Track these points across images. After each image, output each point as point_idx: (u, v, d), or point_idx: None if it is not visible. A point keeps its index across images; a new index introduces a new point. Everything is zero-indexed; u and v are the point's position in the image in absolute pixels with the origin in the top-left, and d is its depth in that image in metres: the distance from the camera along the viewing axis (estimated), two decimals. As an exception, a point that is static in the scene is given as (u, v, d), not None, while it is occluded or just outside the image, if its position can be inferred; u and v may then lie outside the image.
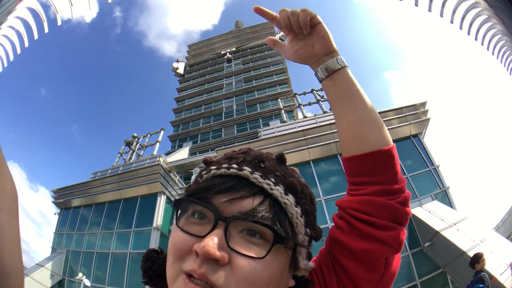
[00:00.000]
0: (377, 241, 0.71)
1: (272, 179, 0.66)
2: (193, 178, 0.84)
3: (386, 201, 0.72)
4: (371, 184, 0.75)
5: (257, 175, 0.65)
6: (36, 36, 7.83)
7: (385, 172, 0.76)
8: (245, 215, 0.60)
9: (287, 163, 0.79)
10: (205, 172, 0.71)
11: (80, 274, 15.03)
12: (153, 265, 0.74)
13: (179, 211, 0.66)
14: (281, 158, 0.76)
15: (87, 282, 15.04)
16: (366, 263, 0.72)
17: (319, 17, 0.83)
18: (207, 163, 0.75)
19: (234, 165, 0.67)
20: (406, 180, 0.79)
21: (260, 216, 0.60)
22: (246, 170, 0.65)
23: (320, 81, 0.85)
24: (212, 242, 0.55)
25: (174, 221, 0.67)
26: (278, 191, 0.65)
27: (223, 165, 0.68)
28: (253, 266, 0.57)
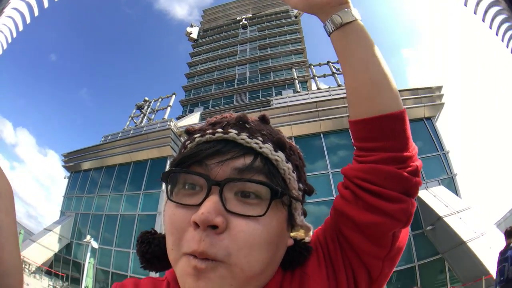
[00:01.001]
0: (385, 214, 0.65)
1: (260, 138, 0.63)
2: None
3: (395, 170, 0.66)
4: (380, 150, 0.69)
5: (244, 135, 0.62)
6: (46, 5, 7.64)
7: (395, 138, 0.69)
8: (238, 175, 0.58)
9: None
10: (189, 142, 0.67)
11: (88, 237, 15.38)
12: (150, 247, 0.70)
13: (169, 185, 0.63)
14: (264, 119, 0.73)
15: (95, 244, 15.40)
16: (373, 237, 0.68)
17: None
18: (190, 132, 0.70)
19: (219, 129, 0.64)
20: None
21: (253, 174, 0.59)
22: (232, 132, 0.62)
23: (329, 34, 0.76)
24: (209, 208, 0.54)
25: (165, 196, 0.64)
26: (267, 148, 0.62)
27: (208, 131, 0.65)
28: (252, 228, 0.56)
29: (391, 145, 0.69)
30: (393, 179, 0.66)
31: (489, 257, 10.52)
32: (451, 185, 14.37)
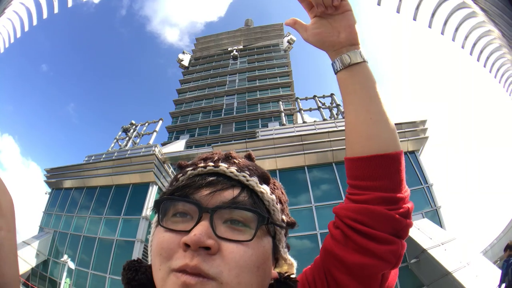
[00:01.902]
0: (375, 256, 0.67)
1: (247, 172, 0.68)
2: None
3: (386, 211, 0.69)
4: (373, 189, 0.72)
5: (232, 169, 0.67)
6: (45, 15, 7.78)
7: (389, 178, 0.72)
8: (227, 204, 0.61)
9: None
10: (180, 175, 0.70)
11: (65, 256, 15.01)
12: (136, 275, 0.69)
13: (160, 213, 0.65)
14: (250, 157, 0.79)
15: (72, 265, 15.03)
16: (361, 278, 0.69)
17: (349, 4, 0.80)
18: (182, 166, 0.74)
19: (210, 163, 0.68)
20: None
21: (241, 203, 0.62)
22: (222, 166, 0.67)
23: (336, 72, 0.81)
24: (201, 231, 0.56)
25: (154, 226, 0.68)
26: (253, 181, 0.66)
27: (199, 165, 0.69)
28: (243, 250, 0.57)
29: (385, 185, 0.71)
30: (384, 221, 0.68)
31: (475, 286, 10.53)
32: (435, 217, 14.23)
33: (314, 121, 20.22)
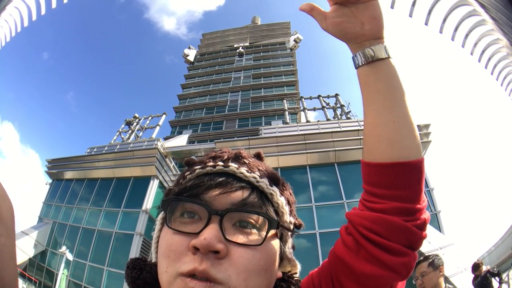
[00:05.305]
0: (386, 267, 0.63)
1: (257, 173, 0.67)
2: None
3: (403, 222, 0.64)
4: (390, 199, 0.66)
5: (243, 169, 0.66)
6: (54, 5, 7.76)
7: (409, 188, 0.66)
8: (237, 206, 0.60)
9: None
10: (188, 172, 0.69)
11: (64, 248, 15.00)
12: (141, 273, 0.69)
13: (167, 213, 0.63)
14: (259, 156, 0.78)
15: (70, 256, 15.01)
16: None
17: None
18: (190, 163, 0.73)
19: (220, 163, 0.67)
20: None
21: (251, 206, 0.62)
22: (232, 166, 0.66)
23: (357, 67, 0.73)
24: (211, 235, 0.55)
25: (159, 222, 0.69)
26: (263, 183, 0.66)
27: (209, 164, 0.68)
28: (251, 255, 0.57)
29: (404, 195, 0.66)
30: (399, 232, 0.64)
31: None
32: (435, 221, 14.21)
33: (318, 121, 20.25)
